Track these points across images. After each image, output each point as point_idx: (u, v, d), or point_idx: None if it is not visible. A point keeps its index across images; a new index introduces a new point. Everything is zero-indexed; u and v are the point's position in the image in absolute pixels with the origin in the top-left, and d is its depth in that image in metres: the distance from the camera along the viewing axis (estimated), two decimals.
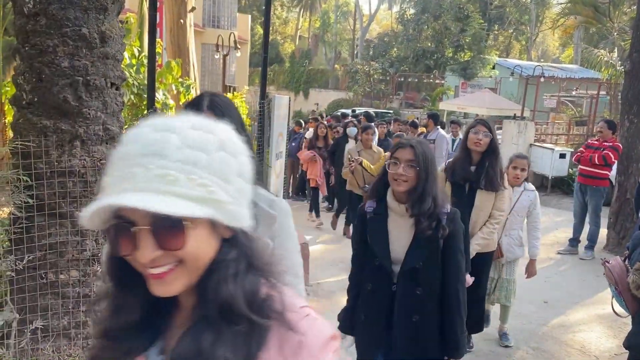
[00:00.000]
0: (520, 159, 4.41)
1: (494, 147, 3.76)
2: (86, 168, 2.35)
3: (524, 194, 4.37)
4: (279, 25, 47.21)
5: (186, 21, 10.68)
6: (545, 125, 15.87)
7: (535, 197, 4.42)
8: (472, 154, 3.80)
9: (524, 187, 4.40)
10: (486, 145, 3.73)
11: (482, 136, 3.73)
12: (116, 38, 2.43)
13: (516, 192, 4.33)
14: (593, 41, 27.95)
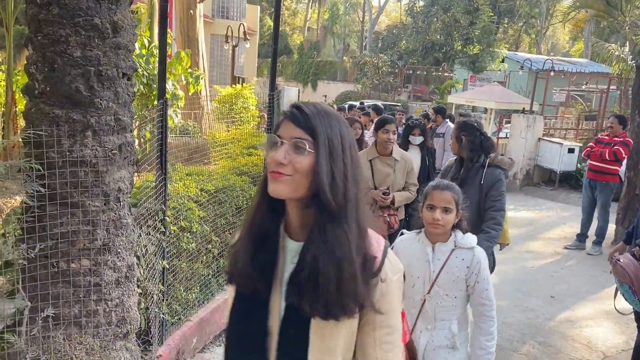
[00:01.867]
0: (439, 192, 2.50)
1: None
2: (97, 158, 2.37)
3: (455, 255, 2.48)
4: (287, 17, 47.04)
5: (196, 12, 10.67)
6: (554, 119, 15.76)
7: (479, 261, 2.45)
8: None
9: (453, 241, 2.50)
10: None
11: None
12: (128, 28, 2.43)
13: (441, 251, 2.48)
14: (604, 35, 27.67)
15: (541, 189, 12.11)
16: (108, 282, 2.45)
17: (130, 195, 2.63)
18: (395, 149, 4.33)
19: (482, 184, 3.52)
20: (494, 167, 3.56)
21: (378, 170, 4.25)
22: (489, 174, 3.52)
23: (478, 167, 3.58)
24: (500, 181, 3.50)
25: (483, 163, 3.56)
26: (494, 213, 3.46)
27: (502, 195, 3.50)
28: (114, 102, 2.40)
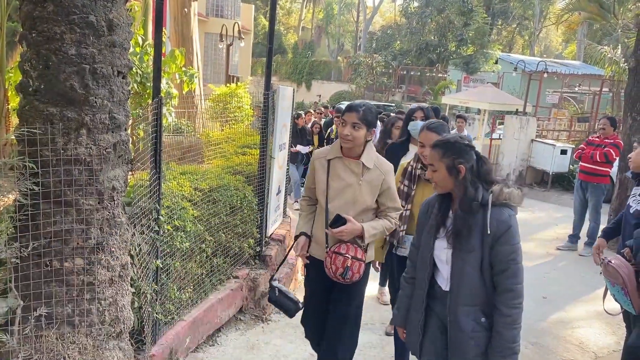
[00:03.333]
0: None
1: None
2: (92, 156, 2.35)
3: None
4: (282, 16, 46.98)
5: (190, 10, 10.61)
6: (547, 121, 15.85)
7: None
8: None
9: None
10: None
11: None
12: (123, 26, 2.42)
13: None
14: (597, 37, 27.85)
15: (534, 190, 12.17)
16: (101, 281, 2.43)
17: (125, 194, 2.62)
18: (368, 152, 3.00)
19: (486, 235, 2.32)
20: (500, 207, 2.35)
21: (335, 177, 3.01)
22: (496, 219, 2.31)
23: (477, 208, 2.35)
24: (511, 229, 2.30)
25: (483, 201, 2.35)
26: (511, 282, 2.31)
27: (517, 252, 2.32)
28: (108, 100, 2.39)
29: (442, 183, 2.41)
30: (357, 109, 2.94)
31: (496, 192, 2.36)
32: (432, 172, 2.43)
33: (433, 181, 2.45)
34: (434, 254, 2.49)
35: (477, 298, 2.36)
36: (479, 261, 2.33)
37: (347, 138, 2.92)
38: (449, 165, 2.38)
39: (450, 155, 2.38)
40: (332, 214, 2.98)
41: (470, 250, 2.34)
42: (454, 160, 2.37)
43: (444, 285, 2.48)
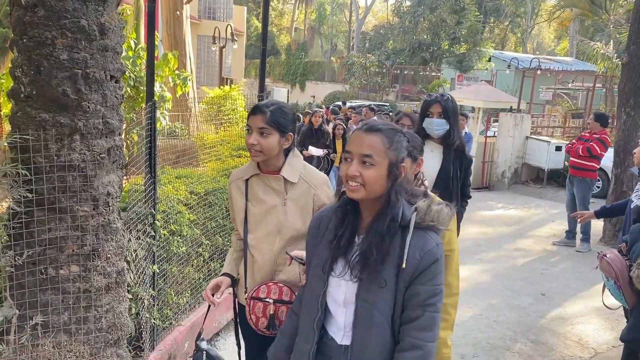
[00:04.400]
0: None
1: None
2: (86, 162, 2.33)
3: None
4: (274, 17, 46.96)
5: (182, 13, 10.59)
6: (541, 117, 15.89)
7: None
8: None
9: None
10: None
11: None
12: (115, 30, 2.39)
13: None
14: (589, 34, 27.96)
15: (529, 187, 12.20)
16: (98, 288, 2.41)
17: (120, 200, 2.59)
18: (290, 163, 2.35)
19: (402, 269, 1.67)
20: (424, 232, 1.70)
21: (255, 200, 2.37)
22: (419, 248, 1.67)
23: (395, 230, 1.70)
24: (438, 262, 1.69)
25: (405, 221, 1.70)
26: (422, 337, 1.67)
27: (439, 295, 1.70)
28: (102, 105, 2.36)
29: (373, 186, 1.66)
30: (263, 111, 2.27)
31: (422, 209, 1.69)
32: (364, 167, 1.66)
33: (356, 181, 1.66)
34: (327, 291, 1.77)
35: (388, 358, 1.69)
36: (390, 304, 1.67)
37: (255, 148, 2.24)
38: (393, 161, 1.68)
39: (398, 147, 1.70)
40: (253, 248, 2.35)
41: (380, 286, 1.66)
42: (401, 156, 1.71)
43: (339, 337, 1.78)
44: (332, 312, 1.79)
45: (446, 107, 3.45)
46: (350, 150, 1.70)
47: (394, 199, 1.69)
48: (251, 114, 2.30)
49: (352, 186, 1.67)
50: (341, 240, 1.74)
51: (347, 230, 1.75)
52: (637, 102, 7.55)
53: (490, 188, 12.29)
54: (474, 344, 4.46)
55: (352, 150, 1.70)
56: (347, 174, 1.68)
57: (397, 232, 1.69)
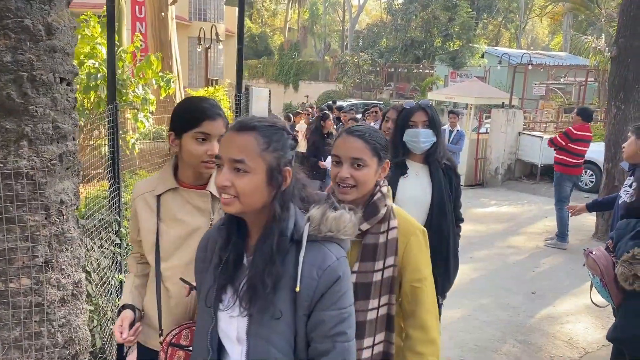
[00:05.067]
0: None
1: None
2: (35, 169, 2.21)
3: None
4: (267, 18, 46.86)
5: (167, 14, 10.47)
6: (534, 113, 15.80)
7: None
8: None
9: None
10: None
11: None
12: (65, 30, 2.28)
13: None
14: (582, 28, 27.89)
15: (523, 183, 12.10)
16: (52, 302, 2.29)
17: (77, 208, 2.47)
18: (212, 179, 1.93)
19: (297, 293, 1.36)
20: (321, 245, 1.38)
21: (171, 220, 1.94)
22: (316, 266, 1.36)
23: (285, 247, 1.38)
24: (340, 280, 1.37)
25: (297, 234, 1.39)
26: None
27: (348, 320, 1.39)
28: (51, 109, 2.24)
29: (249, 198, 1.34)
30: (224, 115, 2.02)
31: (316, 218, 1.38)
32: (237, 175, 1.33)
33: (228, 192, 1.33)
34: (218, 327, 1.47)
35: None
36: (290, 339, 1.37)
37: (213, 159, 1.86)
38: (273, 165, 1.35)
39: (279, 148, 1.37)
40: (168, 280, 1.93)
41: (275, 318, 1.35)
42: (284, 158, 1.38)
43: None
44: (229, 350, 1.48)
45: (432, 116, 2.84)
46: (219, 155, 1.35)
47: (278, 211, 1.36)
48: (210, 119, 1.93)
49: (225, 199, 1.34)
50: (227, 265, 1.41)
51: (232, 252, 1.42)
52: (627, 96, 7.46)
53: (484, 185, 12.20)
54: (461, 346, 4.35)
55: (222, 154, 1.34)
56: (217, 184, 1.35)
57: (289, 249, 1.37)
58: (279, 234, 1.35)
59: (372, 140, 1.86)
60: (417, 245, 1.90)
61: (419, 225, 1.96)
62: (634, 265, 2.98)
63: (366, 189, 1.85)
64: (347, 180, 1.82)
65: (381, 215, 1.85)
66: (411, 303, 1.88)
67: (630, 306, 3.12)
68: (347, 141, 1.86)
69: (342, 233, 1.40)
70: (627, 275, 3.01)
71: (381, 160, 1.89)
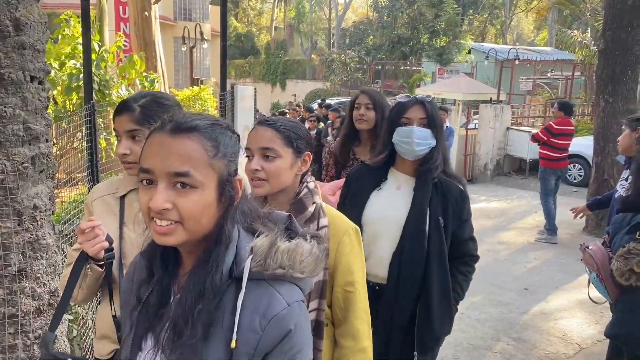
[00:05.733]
0: None
1: None
2: (6, 173, 2.09)
3: None
4: (253, 17, 46.63)
5: (151, 13, 10.31)
6: (521, 108, 15.82)
7: None
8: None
9: None
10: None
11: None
12: (35, 26, 2.16)
13: None
14: (567, 23, 28.02)
15: (512, 178, 12.10)
16: (27, 312, 2.17)
17: (53, 213, 2.36)
18: None
19: (233, 349, 1.03)
20: (270, 285, 1.05)
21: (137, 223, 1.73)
22: (260, 314, 1.02)
23: (218, 287, 1.04)
24: (291, 334, 1.04)
25: (237, 271, 1.06)
26: None
27: None
28: (21, 109, 2.13)
29: (196, 223, 1.02)
30: (130, 108, 1.68)
31: (261, 250, 1.05)
32: (178, 194, 1.00)
33: (167, 218, 1.01)
34: None
35: None
36: None
37: (126, 159, 1.70)
38: (224, 176, 1.06)
39: (228, 152, 1.08)
40: None
41: None
42: (233, 165, 1.09)
43: None
44: None
45: (432, 113, 2.25)
46: (150, 168, 1.01)
47: (226, 237, 1.04)
48: (116, 115, 1.69)
49: (162, 227, 0.99)
50: (147, 307, 1.10)
51: (156, 288, 1.10)
52: (614, 89, 7.44)
53: (473, 181, 12.17)
54: (454, 345, 4.28)
55: (153, 167, 1.00)
56: (150, 208, 0.99)
57: (229, 288, 1.04)
58: (216, 267, 1.02)
59: (285, 129, 1.68)
60: (349, 245, 1.73)
61: (351, 223, 1.79)
62: (630, 260, 2.92)
63: (280, 183, 1.67)
64: (258, 173, 1.65)
65: (309, 214, 1.68)
66: (343, 309, 1.72)
67: (627, 302, 3.06)
68: (258, 131, 1.69)
69: (298, 270, 1.05)
70: (622, 271, 2.95)
71: (298, 152, 1.70)
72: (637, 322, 2.99)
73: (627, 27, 7.26)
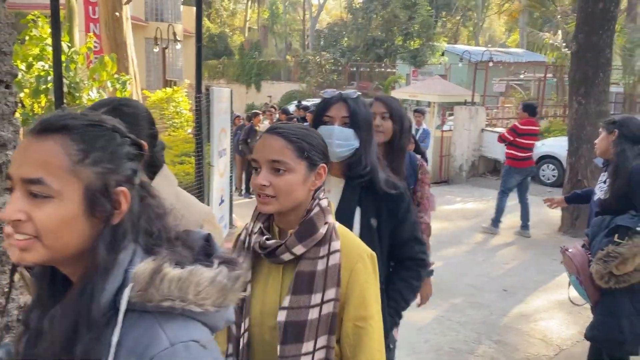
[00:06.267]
0: None
1: None
2: None
3: None
4: (226, 17, 46.27)
5: (122, 14, 10.09)
6: (495, 109, 16.02)
7: None
8: None
9: None
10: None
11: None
12: (0, 27, 2.04)
13: None
14: (537, 25, 28.52)
15: (487, 179, 12.21)
16: None
17: None
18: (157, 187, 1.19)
19: None
20: (155, 319, 0.88)
21: None
22: (135, 352, 0.86)
23: (96, 321, 0.87)
24: None
25: (117, 300, 0.89)
26: None
27: None
28: None
29: (56, 240, 0.87)
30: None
31: (142, 278, 0.87)
32: (33, 204, 0.87)
33: (24, 232, 0.87)
34: None
35: None
36: None
37: None
38: (92, 186, 0.89)
39: (104, 159, 0.91)
40: None
41: None
42: (114, 175, 0.92)
43: None
44: None
45: (356, 111, 2.06)
46: (10, 174, 0.91)
47: (102, 258, 0.87)
48: None
49: (19, 241, 0.87)
50: (30, 337, 0.95)
51: (34, 312, 0.96)
52: (587, 91, 7.55)
53: (449, 182, 12.25)
54: (436, 350, 4.25)
55: (12, 172, 0.90)
56: (5, 219, 0.88)
57: (110, 322, 0.86)
58: (91, 296, 0.86)
59: (297, 139, 1.47)
60: (364, 273, 1.52)
61: (366, 247, 1.58)
62: (609, 262, 2.93)
63: (291, 200, 1.47)
64: (265, 188, 1.45)
65: (320, 236, 1.47)
66: (352, 346, 1.50)
67: (607, 304, 3.07)
68: (266, 141, 1.48)
69: (192, 302, 0.87)
70: (602, 273, 2.96)
71: (312, 165, 1.49)
72: (616, 324, 3.01)
73: (598, 30, 7.37)
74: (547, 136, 12.98)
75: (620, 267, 2.86)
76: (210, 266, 0.91)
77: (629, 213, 3.01)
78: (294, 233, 1.45)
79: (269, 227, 1.56)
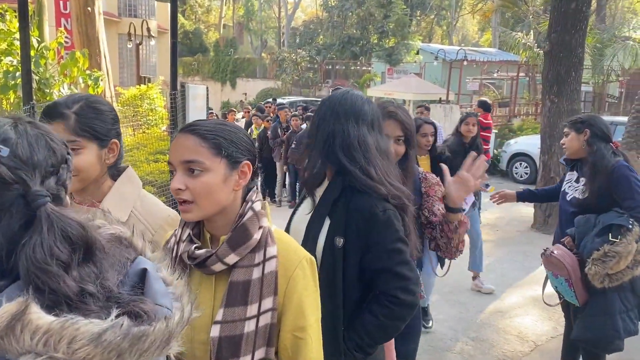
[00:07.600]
0: None
1: None
2: None
3: None
4: (201, 14, 45.81)
5: (94, 9, 9.87)
6: (469, 107, 16.19)
7: None
8: None
9: None
10: None
11: None
12: None
13: None
14: (509, 25, 28.94)
15: None
16: None
17: None
18: (118, 191, 1.63)
19: None
20: None
21: None
22: None
23: None
24: None
25: None
26: None
27: None
28: None
29: None
30: (63, 114, 1.50)
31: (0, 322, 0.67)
32: None
33: None
34: None
35: None
36: None
37: None
38: None
39: None
40: None
41: None
42: None
43: None
44: None
45: None
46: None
47: None
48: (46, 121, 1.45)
49: None
50: None
51: None
52: (560, 89, 7.67)
53: None
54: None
55: None
56: None
57: None
58: None
59: (212, 136, 1.32)
60: (302, 281, 1.39)
61: (305, 252, 1.45)
62: (607, 262, 2.89)
63: (212, 204, 1.33)
64: (181, 192, 1.29)
65: (254, 242, 1.34)
66: (291, 359, 1.40)
67: (599, 305, 2.98)
68: (178, 141, 1.33)
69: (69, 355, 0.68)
70: (601, 274, 2.91)
71: (234, 163, 1.34)
72: (611, 323, 2.97)
73: (570, 30, 7.50)
74: (519, 134, 13.18)
75: (615, 266, 2.86)
76: (102, 317, 0.71)
77: (613, 211, 2.99)
78: (226, 241, 1.33)
79: (199, 233, 1.42)
